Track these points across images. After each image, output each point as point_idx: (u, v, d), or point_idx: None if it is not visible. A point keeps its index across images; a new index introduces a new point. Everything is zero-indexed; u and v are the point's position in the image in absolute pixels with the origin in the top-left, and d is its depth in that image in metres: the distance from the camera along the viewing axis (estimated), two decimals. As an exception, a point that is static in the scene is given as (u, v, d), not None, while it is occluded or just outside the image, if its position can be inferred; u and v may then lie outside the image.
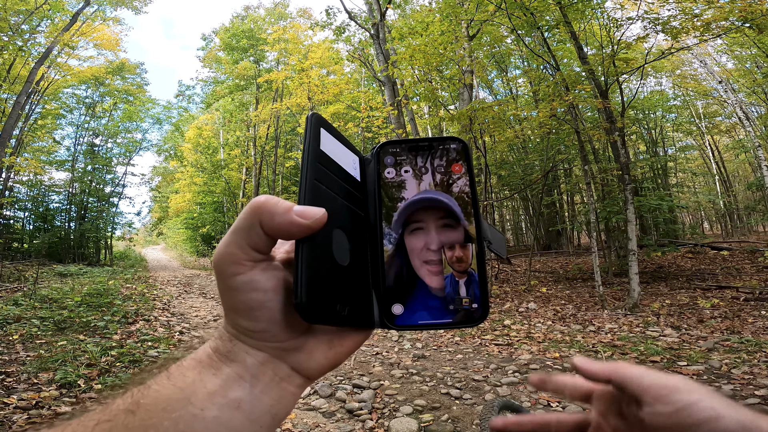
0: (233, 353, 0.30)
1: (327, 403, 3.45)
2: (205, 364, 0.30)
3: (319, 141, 0.33)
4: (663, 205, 9.95)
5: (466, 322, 0.35)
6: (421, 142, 0.39)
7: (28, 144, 17.30)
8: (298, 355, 0.31)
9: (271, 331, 0.30)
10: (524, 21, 7.86)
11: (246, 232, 0.29)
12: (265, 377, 0.30)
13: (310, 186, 0.30)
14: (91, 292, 7.45)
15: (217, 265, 0.29)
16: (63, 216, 20.18)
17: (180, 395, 0.27)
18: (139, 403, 0.27)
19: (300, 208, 0.29)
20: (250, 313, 0.29)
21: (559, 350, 4.75)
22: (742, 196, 23.30)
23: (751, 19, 5.88)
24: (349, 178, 0.36)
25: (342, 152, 0.36)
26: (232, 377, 0.29)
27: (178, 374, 0.29)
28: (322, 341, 0.32)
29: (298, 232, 0.28)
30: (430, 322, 0.35)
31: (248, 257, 0.29)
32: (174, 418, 0.26)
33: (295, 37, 20.73)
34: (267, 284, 0.29)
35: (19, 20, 13.05)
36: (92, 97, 20.55)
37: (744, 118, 14.68)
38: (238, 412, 0.28)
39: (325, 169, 0.33)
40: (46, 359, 3.82)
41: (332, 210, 0.31)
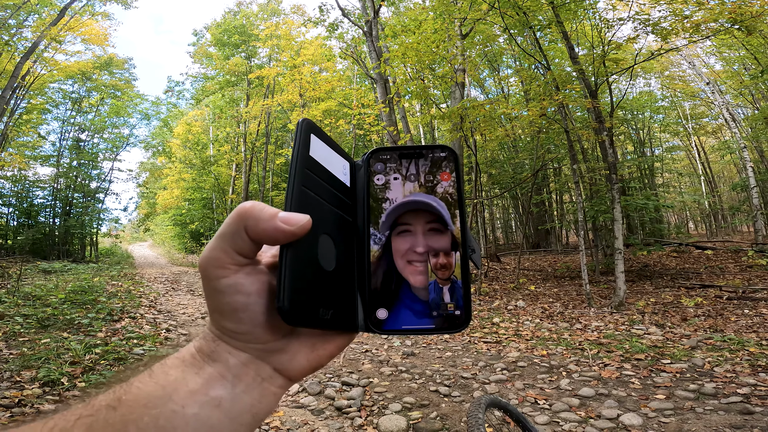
0: (216, 353, 0.31)
1: (316, 401, 3.44)
2: (188, 363, 0.30)
3: (308, 147, 0.33)
4: (649, 205, 10.10)
5: (448, 327, 0.35)
6: (411, 149, 0.40)
7: (12, 139, 16.91)
8: (281, 356, 0.32)
9: (254, 333, 0.30)
10: (517, 20, 7.89)
11: (231, 237, 0.30)
12: (247, 377, 0.30)
13: (297, 192, 0.31)
14: (75, 289, 7.32)
15: (203, 268, 0.30)
16: (48, 212, 19.79)
17: (161, 392, 0.28)
18: (120, 399, 0.28)
19: (285, 215, 0.29)
20: (233, 315, 0.30)
21: (547, 348, 4.80)
22: (726, 197, 23.77)
23: (740, 20, 5.98)
24: (338, 184, 0.37)
25: (332, 158, 0.36)
26: (214, 376, 0.30)
27: (160, 372, 0.30)
28: (305, 344, 0.33)
29: (282, 238, 0.29)
30: (414, 327, 0.35)
31: (233, 261, 0.30)
32: (154, 414, 0.27)
33: (287, 34, 20.55)
34: (251, 287, 0.30)
35: (6, 15, 12.74)
36: (79, 92, 20.17)
37: (730, 120, 14.96)
38: (218, 410, 0.29)
39: (314, 175, 0.33)
40: (29, 357, 3.75)
41: (319, 216, 0.32)
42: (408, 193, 0.38)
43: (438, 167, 0.39)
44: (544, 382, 3.78)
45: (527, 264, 13.92)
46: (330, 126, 17.09)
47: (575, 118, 12.34)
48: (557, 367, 4.13)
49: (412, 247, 0.37)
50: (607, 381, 3.69)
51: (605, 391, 3.44)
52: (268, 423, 3.02)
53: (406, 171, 0.39)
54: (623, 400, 3.28)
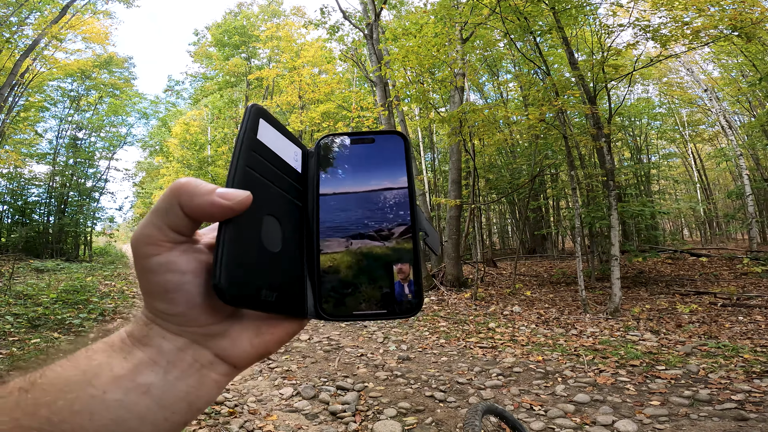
0: (148, 338, 0.29)
1: (310, 405, 3.40)
2: (117, 348, 0.29)
3: (256, 131, 0.33)
4: (645, 212, 10.14)
5: (401, 312, 0.35)
6: (362, 135, 0.40)
7: (9, 136, 16.81)
8: (222, 341, 0.30)
9: (190, 315, 0.29)
10: (517, 25, 7.92)
11: (165, 213, 0.28)
12: (182, 363, 0.29)
13: (240, 171, 0.30)
14: (67, 289, 7.25)
15: (134, 246, 0.29)
16: (42, 210, 19.63)
17: (80, 377, 0.27)
18: (34, 382, 0.27)
19: (223, 190, 0.28)
20: (165, 295, 0.28)
21: (542, 353, 4.78)
22: (721, 204, 23.91)
23: (740, 27, 6.01)
24: (288, 170, 0.36)
25: (283, 143, 0.36)
26: (144, 362, 0.28)
27: (83, 357, 0.28)
28: (249, 328, 0.31)
29: (219, 214, 0.28)
30: (366, 312, 0.34)
31: (166, 238, 0.29)
32: (70, 399, 0.26)
33: (288, 35, 20.58)
34: (186, 266, 0.29)
35: (8, 12, 12.69)
36: (77, 91, 20.08)
37: (727, 127, 15.06)
38: (146, 396, 0.27)
39: (260, 157, 0.33)
40: (19, 357, 3.70)
41: (264, 197, 0.32)
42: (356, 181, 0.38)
43: (388, 153, 0.39)
44: (540, 387, 3.76)
45: (523, 269, 13.93)
46: (329, 128, 17.09)
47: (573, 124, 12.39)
48: (553, 373, 4.12)
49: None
50: (603, 387, 3.68)
51: (600, 398, 3.43)
52: (262, 427, 2.98)
53: (356, 156, 0.39)
54: (618, 406, 3.26)
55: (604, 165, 7.56)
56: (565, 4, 7.48)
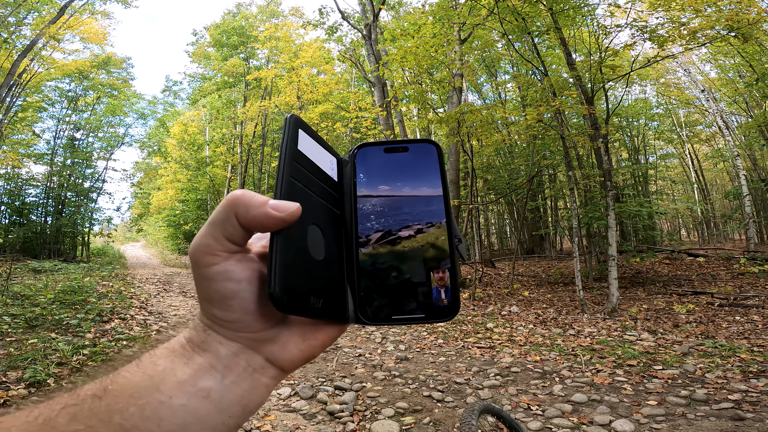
0: (206, 343, 0.30)
1: (308, 405, 3.40)
2: (178, 354, 0.30)
3: (296, 141, 0.34)
4: (643, 212, 10.16)
5: (438, 317, 0.36)
6: (396, 144, 0.41)
7: (7, 136, 16.75)
8: (272, 346, 0.32)
9: (244, 321, 0.30)
10: (515, 26, 7.93)
11: (222, 224, 0.30)
12: (237, 368, 0.30)
13: (286, 182, 0.32)
14: (65, 289, 7.23)
15: (193, 255, 0.30)
16: (40, 210, 19.57)
17: (149, 382, 0.28)
18: (106, 388, 0.28)
19: (275, 202, 0.29)
20: (223, 302, 0.30)
21: (540, 353, 4.79)
22: (719, 205, 23.99)
23: (737, 28, 6.03)
24: (326, 178, 0.38)
25: (320, 153, 0.37)
26: (204, 367, 0.29)
27: (149, 362, 0.30)
28: (296, 333, 0.33)
29: (272, 225, 0.29)
30: (405, 317, 0.35)
31: (223, 248, 0.30)
32: (140, 405, 0.27)
33: (286, 36, 20.57)
34: (241, 274, 0.30)
35: (6, 12, 12.65)
36: (75, 91, 20.02)
37: (724, 127, 15.13)
38: (207, 401, 0.28)
39: (302, 167, 0.34)
40: (16, 357, 3.69)
41: (308, 206, 0.33)
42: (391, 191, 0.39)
43: (422, 162, 0.40)
44: (537, 387, 3.77)
45: (521, 269, 13.95)
46: (327, 129, 17.08)
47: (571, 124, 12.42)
48: (550, 373, 4.12)
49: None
50: (600, 387, 3.69)
51: (598, 397, 3.44)
52: (260, 427, 2.98)
53: (391, 166, 0.40)
54: (615, 406, 3.27)
55: (601, 165, 7.59)
56: (563, 4, 7.50)
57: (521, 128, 9.90)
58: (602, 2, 7.89)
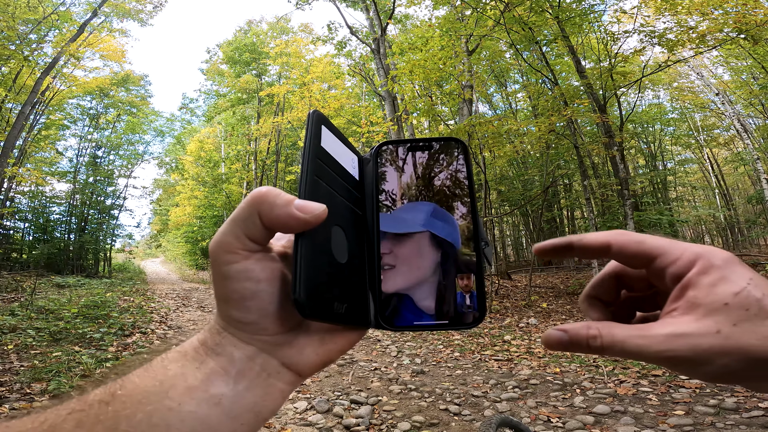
0: (220, 346, 0.29)
1: (324, 419, 3.39)
2: (190, 357, 0.29)
3: (320, 138, 0.33)
4: (663, 220, 9.95)
5: (463, 324, 0.34)
6: (419, 142, 0.39)
7: (30, 154, 17.38)
8: (289, 350, 0.31)
9: (262, 324, 0.29)
10: (523, 36, 7.98)
11: (244, 222, 0.29)
12: (251, 373, 0.29)
13: (310, 181, 0.31)
14: (88, 304, 7.40)
15: (213, 252, 0.29)
16: (63, 227, 20.15)
17: (158, 388, 0.27)
18: (114, 394, 0.27)
19: (300, 202, 0.29)
20: (241, 303, 0.29)
21: (560, 365, 4.68)
22: (742, 210, 23.28)
23: (745, 30, 5.97)
24: (348, 177, 0.36)
25: (342, 151, 0.36)
26: (216, 371, 0.29)
27: (159, 367, 0.29)
28: (314, 337, 0.32)
29: (296, 226, 0.28)
30: (427, 323, 0.34)
31: (244, 247, 0.29)
32: (148, 411, 0.26)
33: (297, 52, 21.03)
34: (261, 274, 0.29)
35: (27, 30, 13.20)
36: (96, 109, 20.70)
37: (742, 130, 14.77)
38: (218, 408, 0.28)
39: (325, 166, 0.33)
40: (40, 370, 3.77)
41: (331, 207, 0.31)
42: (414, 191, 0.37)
43: (447, 161, 0.38)
44: (557, 399, 3.68)
45: (539, 281, 13.72)
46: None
47: (584, 133, 12.31)
48: (571, 385, 4.03)
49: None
50: (623, 398, 3.58)
51: (621, 408, 3.34)
52: (265, 424, 2.98)
53: (415, 165, 0.38)
54: (640, 416, 3.17)
55: (617, 174, 7.49)
56: (569, 12, 7.53)
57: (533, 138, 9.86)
58: (608, 9, 7.90)
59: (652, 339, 0.29)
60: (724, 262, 0.30)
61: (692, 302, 0.29)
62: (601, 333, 0.30)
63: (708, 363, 0.28)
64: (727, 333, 0.28)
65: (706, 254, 0.30)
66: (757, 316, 0.27)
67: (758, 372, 0.28)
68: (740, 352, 0.27)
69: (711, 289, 0.29)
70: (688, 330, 0.28)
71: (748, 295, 0.28)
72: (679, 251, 0.31)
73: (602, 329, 0.31)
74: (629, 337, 0.30)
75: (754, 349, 0.27)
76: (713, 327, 0.28)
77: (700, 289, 0.29)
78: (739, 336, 0.27)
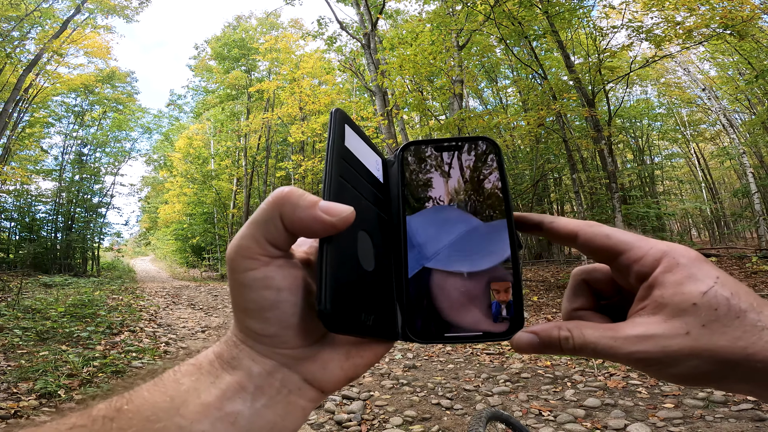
0: (237, 360, 0.27)
1: (315, 415, 3.38)
2: (205, 371, 0.27)
3: (344, 137, 0.31)
4: (650, 213, 10.09)
5: (498, 335, 0.32)
6: (447, 142, 0.37)
7: (15, 153, 17.04)
8: (311, 365, 0.28)
9: (282, 337, 0.27)
10: (512, 31, 8.00)
11: (264, 225, 0.26)
12: (270, 389, 0.27)
13: (335, 182, 0.28)
14: (75, 303, 7.29)
15: (230, 258, 0.27)
16: (50, 226, 19.83)
17: (168, 404, 0.25)
18: (120, 409, 0.25)
19: (326, 204, 0.26)
20: (260, 314, 0.27)
21: (551, 358, 4.73)
22: (728, 203, 23.72)
23: (731, 25, 6.05)
24: (372, 179, 0.34)
25: (365, 151, 0.34)
26: (233, 387, 0.26)
27: (171, 380, 0.26)
28: (339, 351, 0.29)
29: (321, 230, 0.26)
30: (459, 335, 0.32)
31: (264, 252, 0.26)
32: (156, 429, 0.24)
33: (286, 47, 20.84)
34: (282, 282, 0.27)
35: (9, 27, 12.92)
36: (81, 106, 20.37)
37: (728, 125, 15.02)
38: (233, 427, 0.25)
39: (350, 166, 0.31)
40: (27, 369, 3.72)
41: (357, 210, 0.29)
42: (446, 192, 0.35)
43: (478, 162, 0.36)
44: (549, 393, 3.72)
45: (530, 275, 13.84)
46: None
47: (573, 127, 12.41)
48: (562, 378, 4.07)
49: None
50: (614, 391, 3.63)
51: (612, 401, 3.38)
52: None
53: (443, 167, 0.36)
54: (630, 409, 3.21)
55: (606, 167, 7.56)
56: (558, 7, 7.56)
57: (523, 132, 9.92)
58: (597, 4, 7.94)
59: (623, 341, 0.28)
60: (689, 260, 0.29)
61: (659, 302, 0.29)
62: (573, 334, 0.30)
63: (677, 364, 0.27)
64: (696, 334, 0.27)
65: (672, 252, 0.30)
66: (726, 315, 0.27)
67: (728, 373, 0.27)
68: (710, 354, 0.27)
69: (678, 288, 0.28)
70: (657, 331, 0.28)
71: (715, 294, 0.27)
72: (645, 248, 0.31)
73: (573, 330, 0.30)
74: (600, 338, 0.29)
75: (724, 351, 0.27)
76: (682, 328, 0.27)
77: (667, 288, 0.28)
78: (709, 337, 0.27)
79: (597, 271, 0.36)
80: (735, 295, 0.27)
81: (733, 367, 0.27)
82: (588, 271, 0.37)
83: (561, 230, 0.34)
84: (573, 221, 0.34)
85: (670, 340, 0.27)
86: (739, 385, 0.28)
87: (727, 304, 0.27)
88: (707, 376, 0.28)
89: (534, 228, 0.36)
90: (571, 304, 0.37)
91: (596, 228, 0.33)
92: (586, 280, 0.37)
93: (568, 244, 0.35)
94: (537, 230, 0.36)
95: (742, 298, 0.27)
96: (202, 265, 25.73)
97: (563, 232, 0.34)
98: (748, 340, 0.26)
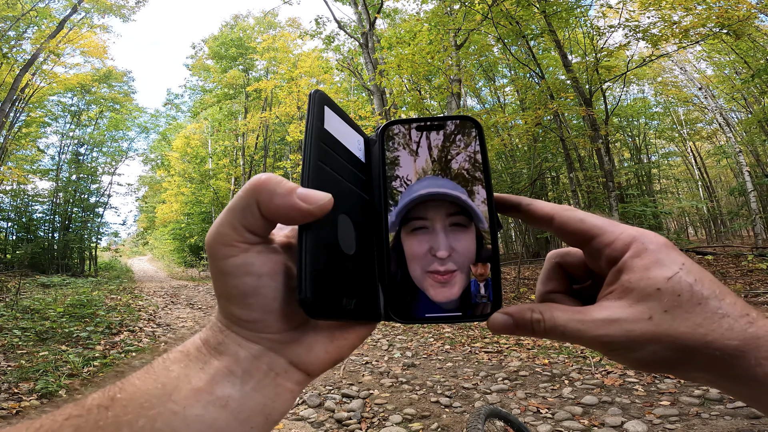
0: (224, 345, 0.28)
1: (316, 413, 3.40)
2: (193, 357, 0.28)
3: (323, 119, 0.31)
4: (647, 212, 10.13)
5: (477, 315, 0.32)
6: (429, 121, 0.36)
7: (11, 153, 16.95)
8: (297, 348, 0.29)
9: (266, 321, 0.27)
10: (510, 30, 8.01)
11: (241, 212, 0.27)
12: (258, 372, 0.28)
13: (314, 167, 0.28)
14: (74, 303, 7.28)
15: (209, 246, 0.27)
16: (47, 226, 19.75)
17: (160, 391, 0.25)
18: (114, 398, 0.25)
19: (304, 191, 0.26)
20: (243, 299, 0.27)
21: (549, 356, 4.76)
22: (725, 201, 23.82)
23: (727, 25, 6.08)
24: (354, 160, 0.34)
25: (347, 132, 0.34)
26: (221, 372, 0.27)
27: (161, 368, 0.27)
28: (323, 334, 0.30)
29: (299, 218, 0.26)
30: (440, 315, 0.32)
31: (242, 239, 0.27)
32: (151, 416, 0.24)
33: (284, 46, 20.79)
34: (262, 268, 0.27)
35: (6, 26, 12.85)
36: (78, 105, 20.27)
37: (724, 124, 15.08)
38: (225, 410, 0.26)
39: (330, 149, 0.31)
40: (27, 369, 3.72)
41: (337, 194, 0.29)
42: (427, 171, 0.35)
43: (460, 140, 0.35)
44: (546, 390, 3.75)
45: (527, 273, 13.88)
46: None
47: (571, 126, 12.44)
48: (559, 376, 4.10)
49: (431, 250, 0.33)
50: (611, 388, 3.66)
51: (609, 399, 3.41)
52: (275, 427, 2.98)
53: (425, 145, 0.36)
54: (627, 407, 3.25)
55: (603, 166, 7.60)
56: (556, 7, 7.58)
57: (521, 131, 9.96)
58: (594, 3, 7.97)
59: (590, 324, 0.29)
60: (657, 246, 0.30)
61: (626, 286, 0.29)
62: (544, 317, 0.30)
63: (639, 349, 0.28)
64: (658, 319, 0.27)
65: (641, 237, 0.30)
66: (689, 302, 0.27)
67: (687, 360, 0.28)
68: (670, 339, 0.27)
69: (644, 273, 0.29)
70: (622, 315, 0.28)
71: (679, 281, 0.28)
72: (616, 233, 0.31)
73: (545, 312, 0.30)
74: (569, 321, 0.30)
75: (684, 337, 0.27)
76: (646, 313, 0.28)
77: (634, 272, 0.29)
78: (670, 323, 0.27)
79: (570, 255, 0.36)
80: (699, 281, 0.28)
81: (692, 354, 0.27)
82: (562, 254, 0.37)
83: (537, 213, 0.35)
84: (549, 204, 0.35)
85: (634, 324, 0.27)
86: (698, 373, 0.28)
87: (690, 291, 0.27)
88: (667, 363, 0.28)
89: (511, 209, 0.36)
90: (545, 287, 0.37)
91: (571, 212, 0.34)
92: (560, 263, 0.37)
93: (544, 227, 0.35)
94: (514, 212, 0.36)
95: (706, 285, 0.28)
96: (200, 265, 25.67)
97: (539, 214, 0.35)
98: (708, 327, 0.27)
